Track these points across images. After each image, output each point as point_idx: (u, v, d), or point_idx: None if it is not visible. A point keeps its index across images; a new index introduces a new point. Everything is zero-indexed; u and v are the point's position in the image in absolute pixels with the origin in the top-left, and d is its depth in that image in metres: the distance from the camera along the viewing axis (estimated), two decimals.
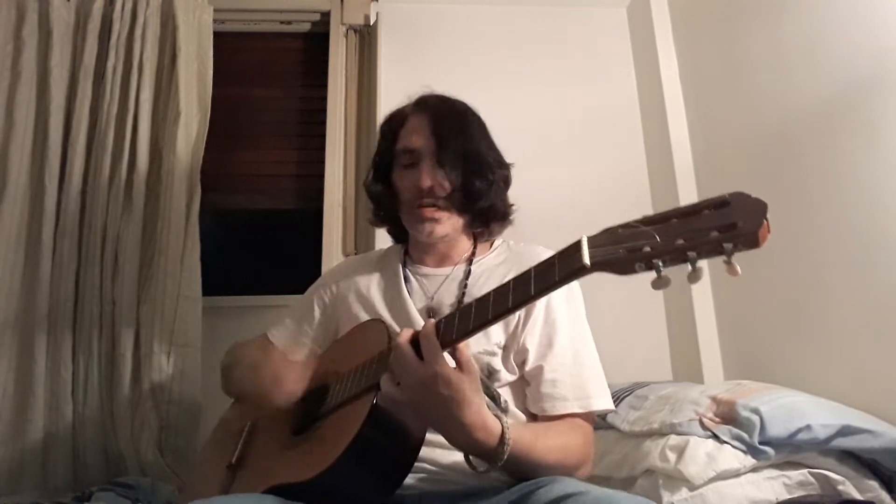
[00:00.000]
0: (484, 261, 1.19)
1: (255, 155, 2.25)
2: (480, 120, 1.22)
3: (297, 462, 0.92)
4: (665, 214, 0.66)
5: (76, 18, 2.08)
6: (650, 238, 0.64)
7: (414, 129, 1.16)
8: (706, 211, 0.63)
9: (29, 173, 1.91)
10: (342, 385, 0.96)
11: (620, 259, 0.65)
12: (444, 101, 1.21)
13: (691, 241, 0.62)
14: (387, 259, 1.27)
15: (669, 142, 2.13)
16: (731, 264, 0.60)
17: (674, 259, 0.62)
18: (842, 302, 1.46)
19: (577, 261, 0.68)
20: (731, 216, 0.61)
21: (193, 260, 1.89)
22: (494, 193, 1.15)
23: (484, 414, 0.84)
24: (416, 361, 0.81)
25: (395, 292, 1.16)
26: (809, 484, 1.18)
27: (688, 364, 1.99)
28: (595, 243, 0.69)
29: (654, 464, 1.24)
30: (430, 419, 0.86)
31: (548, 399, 1.02)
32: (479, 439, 0.83)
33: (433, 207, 1.12)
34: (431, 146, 1.12)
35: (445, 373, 0.80)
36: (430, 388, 0.80)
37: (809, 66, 1.59)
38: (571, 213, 2.02)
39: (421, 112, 1.18)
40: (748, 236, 0.59)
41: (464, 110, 1.20)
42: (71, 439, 1.74)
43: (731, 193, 0.63)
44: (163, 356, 1.79)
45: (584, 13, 2.43)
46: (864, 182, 1.40)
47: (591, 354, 1.09)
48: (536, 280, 0.74)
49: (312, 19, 2.37)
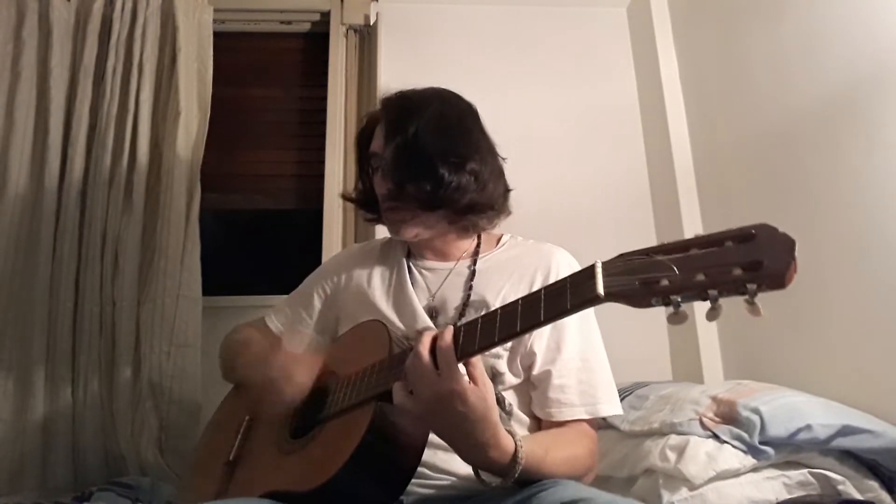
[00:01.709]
0: (490, 256, 1.16)
1: (255, 155, 2.25)
2: (452, 110, 1.16)
3: (297, 470, 0.91)
4: (685, 243, 0.62)
5: (76, 18, 2.08)
6: (668, 271, 0.61)
7: (377, 133, 1.15)
8: (729, 243, 0.59)
9: (29, 173, 1.92)
10: (342, 391, 0.94)
11: (636, 292, 0.62)
12: (403, 98, 1.16)
13: (712, 277, 0.58)
14: (390, 250, 1.24)
15: (669, 142, 2.13)
16: (754, 305, 0.57)
17: (693, 296, 0.60)
18: (842, 302, 1.46)
19: (590, 289, 0.66)
20: (756, 252, 0.57)
21: (193, 260, 1.89)
22: (469, 187, 1.08)
23: (499, 433, 0.81)
24: (433, 374, 0.78)
25: (399, 287, 1.14)
26: (809, 484, 1.18)
27: (688, 364, 1.99)
28: (610, 271, 0.66)
29: (654, 463, 1.24)
30: (443, 433, 0.83)
31: (555, 405, 1.00)
32: (492, 457, 0.81)
33: (395, 211, 1.11)
34: (385, 150, 1.11)
35: (462, 390, 0.77)
36: (445, 403, 0.78)
37: (809, 66, 1.59)
38: (571, 214, 2.02)
39: (382, 114, 1.16)
40: (774, 278, 0.56)
41: (419, 107, 1.13)
42: (71, 439, 1.74)
43: (757, 226, 0.59)
44: (163, 356, 1.78)
45: (584, 13, 2.43)
46: (865, 181, 1.40)
47: (600, 359, 1.06)
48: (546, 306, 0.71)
49: (312, 19, 2.37)
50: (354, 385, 0.92)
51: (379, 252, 1.25)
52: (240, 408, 1.17)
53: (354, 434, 0.84)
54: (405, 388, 0.81)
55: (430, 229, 1.13)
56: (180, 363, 1.79)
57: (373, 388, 0.88)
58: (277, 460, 0.97)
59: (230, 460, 1.05)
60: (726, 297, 0.58)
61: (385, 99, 1.18)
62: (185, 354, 1.80)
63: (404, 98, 1.16)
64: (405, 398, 0.81)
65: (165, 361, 1.78)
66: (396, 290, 1.14)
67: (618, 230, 2.13)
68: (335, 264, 1.30)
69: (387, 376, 0.87)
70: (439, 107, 1.14)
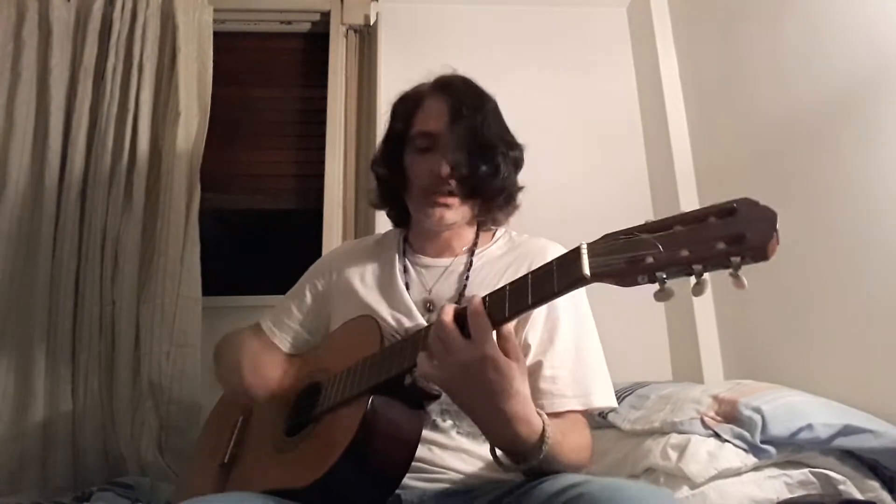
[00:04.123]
0: (485, 252, 1.16)
1: (255, 155, 2.25)
2: (496, 103, 1.18)
3: (292, 467, 0.91)
4: (668, 221, 0.63)
5: (76, 18, 2.08)
6: (653, 248, 0.61)
7: (432, 112, 1.11)
8: (712, 218, 0.60)
9: (29, 173, 1.92)
10: (334, 387, 0.95)
11: (622, 270, 0.63)
12: (466, 83, 1.16)
13: (696, 252, 0.59)
14: (385, 245, 1.23)
15: (669, 142, 2.13)
16: (738, 278, 0.57)
17: (678, 272, 0.60)
18: (842, 302, 1.46)
19: (576, 270, 0.66)
20: (738, 226, 0.58)
21: (193, 260, 1.89)
22: (504, 176, 1.10)
23: (529, 407, 0.78)
24: (462, 341, 0.75)
25: (391, 284, 1.12)
26: (810, 483, 1.18)
27: (688, 364, 1.99)
28: (595, 251, 0.67)
29: (655, 462, 1.24)
30: (469, 406, 0.80)
31: (546, 396, 0.98)
32: (520, 433, 0.78)
33: (448, 194, 1.08)
34: (451, 131, 1.07)
35: (495, 356, 0.74)
36: (476, 372, 0.74)
37: (809, 66, 1.59)
38: (571, 213, 2.02)
39: (440, 94, 1.13)
40: (757, 250, 0.56)
41: (483, 94, 1.15)
42: (71, 439, 1.74)
43: (738, 200, 0.60)
44: (163, 356, 1.78)
45: (584, 13, 2.43)
46: (864, 181, 1.40)
47: (594, 350, 1.05)
48: (534, 289, 0.72)
49: (312, 19, 2.37)
50: (346, 380, 0.93)
51: (373, 248, 1.24)
52: (234, 407, 1.17)
53: (348, 429, 0.84)
54: (430, 357, 0.78)
55: (464, 219, 1.13)
56: (180, 363, 1.79)
57: (365, 382, 0.88)
58: (273, 459, 0.97)
59: (226, 461, 1.05)
60: (711, 272, 0.59)
61: (444, 78, 1.17)
62: (185, 354, 1.80)
63: (468, 82, 1.16)
64: (431, 368, 0.77)
65: (165, 361, 1.78)
66: (388, 286, 1.13)
67: (617, 229, 2.12)
68: (329, 260, 1.29)
69: (379, 369, 0.87)
70: (489, 96, 1.17)
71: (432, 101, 1.13)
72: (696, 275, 0.59)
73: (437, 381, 0.79)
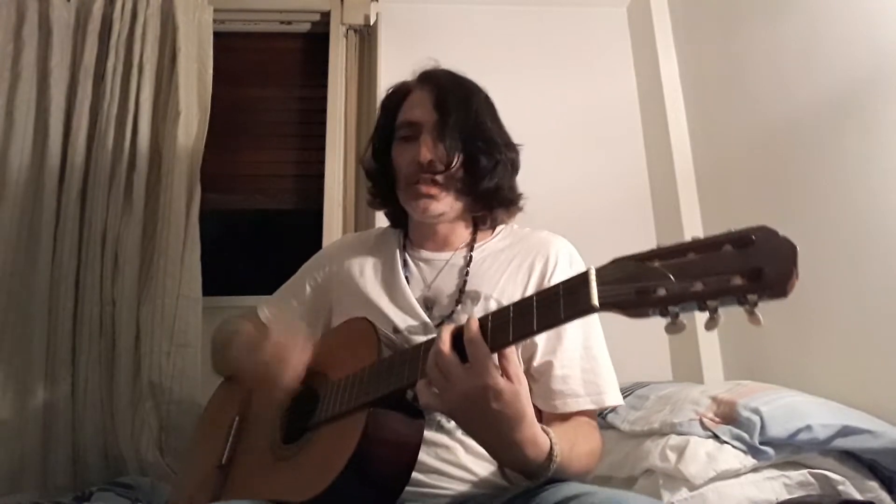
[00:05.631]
0: (486, 246, 1.14)
1: (255, 155, 2.25)
2: (488, 98, 1.17)
3: (291, 479, 0.89)
4: (681, 247, 0.59)
5: (76, 18, 2.08)
6: (664, 279, 0.58)
7: (416, 102, 1.12)
8: (727, 247, 0.56)
9: (29, 173, 1.91)
10: (332, 397, 0.92)
11: (632, 302, 0.60)
12: (450, 74, 1.16)
13: (711, 286, 0.55)
14: (385, 240, 1.22)
15: (669, 141, 2.13)
16: (755, 314, 0.54)
17: (690, 306, 0.57)
18: (842, 302, 1.46)
19: (584, 299, 0.63)
20: (756, 258, 0.54)
21: (193, 260, 1.89)
22: (499, 174, 1.09)
23: (535, 430, 0.77)
24: (460, 370, 0.72)
25: (392, 278, 1.11)
26: (809, 484, 1.18)
27: (688, 364, 1.99)
28: (604, 279, 0.63)
29: (654, 463, 1.24)
30: (474, 432, 0.79)
31: (559, 396, 0.98)
32: (528, 455, 0.77)
33: (431, 183, 1.06)
34: (433, 119, 1.07)
35: (496, 385, 0.72)
36: (477, 400, 0.72)
37: (809, 66, 1.59)
38: (571, 213, 2.02)
39: (424, 85, 1.13)
40: (775, 287, 0.53)
41: (470, 86, 1.15)
42: (71, 439, 1.74)
43: (756, 229, 0.56)
44: (163, 356, 1.78)
45: (584, 13, 2.43)
46: (864, 181, 1.40)
47: (601, 348, 1.04)
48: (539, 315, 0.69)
49: (312, 19, 2.37)
50: (344, 392, 0.90)
51: (374, 242, 1.23)
52: (229, 406, 1.15)
53: (348, 444, 0.82)
54: (429, 385, 0.75)
55: (454, 211, 1.11)
56: (180, 363, 1.79)
57: (364, 396, 0.86)
58: (271, 467, 0.95)
59: (223, 462, 1.03)
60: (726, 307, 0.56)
61: (428, 71, 1.17)
62: (185, 354, 1.80)
63: (450, 73, 1.16)
64: (431, 397, 0.75)
65: (165, 361, 1.78)
66: (390, 280, 1.11)
67: (617, 230, 2.12)
68: (329, 253, 1.28)
69: (378, 384, 0.85)
70: (481, 90, 1.16)
71: (416, 92, 1.14)
72: (710, 311, 0.56)
73: (439, 409, 0.77)
